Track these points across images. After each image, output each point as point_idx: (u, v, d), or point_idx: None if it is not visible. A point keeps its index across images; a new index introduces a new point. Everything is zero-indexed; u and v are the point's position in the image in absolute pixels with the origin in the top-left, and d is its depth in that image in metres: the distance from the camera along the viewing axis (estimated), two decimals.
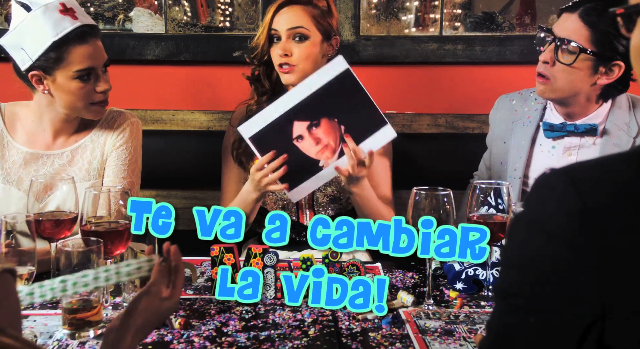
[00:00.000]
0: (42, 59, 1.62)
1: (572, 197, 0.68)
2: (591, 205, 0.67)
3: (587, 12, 1.68)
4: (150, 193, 2.44)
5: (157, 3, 2.48)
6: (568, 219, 0.67)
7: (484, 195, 1.44)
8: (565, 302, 0.68)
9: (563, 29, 1.71)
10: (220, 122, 2.46)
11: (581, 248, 0.66)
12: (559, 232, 0.68)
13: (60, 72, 1.63)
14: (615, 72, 1.70)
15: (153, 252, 1.23)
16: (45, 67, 1.63)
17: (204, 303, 1.43)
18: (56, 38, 1.60)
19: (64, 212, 1.51)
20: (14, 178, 1.72)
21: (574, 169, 0.72)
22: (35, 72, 1.63)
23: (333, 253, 1.43)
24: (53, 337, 1.24)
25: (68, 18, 1.62)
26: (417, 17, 2.52)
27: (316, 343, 1.23)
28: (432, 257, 1.39)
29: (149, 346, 1.20)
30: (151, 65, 2.48)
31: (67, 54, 1.62)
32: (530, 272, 0.70)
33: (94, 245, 1.26)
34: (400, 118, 2.50)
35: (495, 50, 2.47)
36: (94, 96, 1.68)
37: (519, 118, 1.91)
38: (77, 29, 1.62)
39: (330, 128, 1.66)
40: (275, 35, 1.86)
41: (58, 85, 1.65)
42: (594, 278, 0.66)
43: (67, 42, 1.61)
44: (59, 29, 1.60)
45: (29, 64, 1.62)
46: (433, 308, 1.40)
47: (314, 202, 1.91)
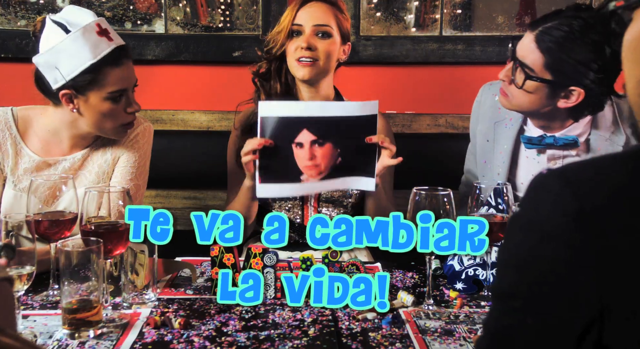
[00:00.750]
0: (77, 79, 1.62)
1: (568, 199, 0.68)
2: (588, 207, 0.67)
3: (542, 36, 1.60)
4: (150, 193, 2.44)
5: (157, 3, 2.48)
6: (565, 220, 0.68)
7: (483, 195, 1.44)
8: (563, 303, 0.68)
9: (521, 48, 1.65)
10: (220, 122, 2.46)
11: (579, 248, 0.67)
12: (557, 233, 0.68)
13: (94, 93, 1.64)
14: (574, 97, 1.62)
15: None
16: (79, 87, 1.63)
17: (204, 303, 1.43)
18: (94, 60, 1.61)
19: (64, 212, 1.51)
20: (25, 185, 1.71)
21: (569, 170, 0.72)
22: (67, 91, 1.63)
23: (333, 253, 1.43)
24: (53, 337, 1.24)
25: (104, 40, 1.62)
26: (417, 17, 2.53)
27: (316, 343, 1.22)
28: (432, 257, 1.39)
29: (149, 346, 1.20)
30: (151, 65, 2.48)
31: (102, 75, 1.62)
32: (528, 273, 0.71)
33: (93, 245, 1.26)
34: (400, 118, 2.50)
35: (495, 50, 2.47)
36: (124, 117, 1.69)
37: (501, 118, 1.85)
38: (113, 51, 1.63)
39: (329, 154, 1.66)
40: (296, 30, 1.85)
41: (89, 106, 1.65)
42: (593, 278, 0.66)
43: (104, 64, 1.62)
44: (97, 52, 1.61)
45: (62, 83, 1.62)
46: (433, 308, 1.40)
47: (319, 204, 1.90)
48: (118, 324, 1.30)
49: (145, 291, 1.42)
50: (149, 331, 1.26)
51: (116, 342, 1.21)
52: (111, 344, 1.21)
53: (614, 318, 0.66)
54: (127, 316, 1.34)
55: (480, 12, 2.53)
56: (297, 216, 1.93)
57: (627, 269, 0.66)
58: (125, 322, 1.31)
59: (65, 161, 1.74)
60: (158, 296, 1.45)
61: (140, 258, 1.40)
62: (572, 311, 0.68)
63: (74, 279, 1.22)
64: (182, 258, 1.67)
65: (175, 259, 1.63)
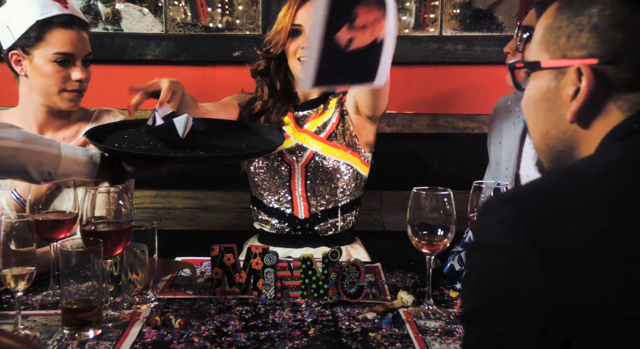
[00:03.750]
0: (23, 37, 1.63)
1: (508, 210, 0.74)
2: (527, 214, 0.72)
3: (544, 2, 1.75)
4: (150, 193, 2.44)
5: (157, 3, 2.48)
6: (505, 228, 0.73)
7: (484, 195, 1.44)
8: (522, 304, 0.71)
9: (527, 19, 1.77)
10: None
11: (523, 251, 0.71)
12: (501, 243, 0.73)
13: (39, 53, 1.64)
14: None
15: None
16: (26, 46, 1.63)
17: (204, 303, 1.43)
18: (41, 17, 1.62)
19: (64, 213, 1.51)
20: (7, 182, 1.72)
21: (510, 191, 0.84)
22: (16, 51, 1.64)
23: (333, 253, 1.43)
24: (53, 337, 1.24)
25: (58, 5, 1.64)
26: (417, 17, 2.52)
27: (316, 343, 1.22)
28: (432, 257, 1.39)
29: (149, 346, 1.20)
30: (151, 65, 2.48)
31: (48, 34, 1.63)
32: (486, 287, 0.75)
33: (93, 245, 1.26)
34: (400, 118, 2.50)
35: (495, 50, 2.46)
36: (68, 83, 1.69)
37: (510, 117, 1.91)
38: (65, 15, 1.64)
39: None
40: (296, 30, 1.85)
41: (35, 67, 1.65)
42: (542, 278, 0.69)
43: (50, 23, 1.63)
44: (46, 11, 1.62)
45: (12, 42, 1.64)
46: (433, 308, 1.39)
47: (307, 194, 1.91)
48: (118, 324, 1.30)
49: (145, 291, 1.42)
50: (149, 331, 1.26)
51: (116, 342, 1.21)
52: (111, 344, 1.21)
53: (569, 312, 0.68)
54: (127, 316, 1.34)
55: (480, 12, 2.53)
56: (287, 207, 1.93)
57: (572, 263, 0.68)
58: (125, 322, 1.31)
59: None
60: (158, 296, 1.45)
61: (140, 258, 1.40)
62: (530, 312, 0.70)
63: (74, 279, 1.22)
64: (182, 258, 1.68)
65: (175, 259, 1.63)
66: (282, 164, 1.91)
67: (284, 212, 1.94)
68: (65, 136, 1.78)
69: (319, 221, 1.94)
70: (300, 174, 1.89)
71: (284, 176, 1.91)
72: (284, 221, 1.95)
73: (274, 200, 1.94)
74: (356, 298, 1.42)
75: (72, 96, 1.71)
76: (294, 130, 1.93)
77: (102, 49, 2.34)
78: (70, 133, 1.79)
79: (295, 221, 1.94)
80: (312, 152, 1.89)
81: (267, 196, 1.94)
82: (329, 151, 1.89)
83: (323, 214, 1.93)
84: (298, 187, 1.90)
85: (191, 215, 2.47)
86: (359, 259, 1.45)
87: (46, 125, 1.76)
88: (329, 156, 1.89)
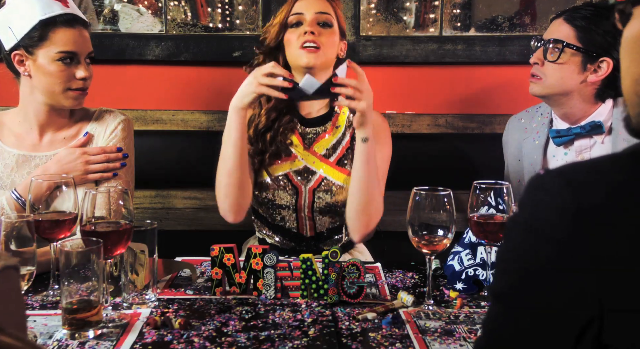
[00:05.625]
0: (26, 37, 1.63)
1: (567, 198, 0.68)
2: (586, 206, 0.67)
3: (571, 15, 1.82)
4: (150, 193, 2.44)
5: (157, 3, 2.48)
6: (563, 220, 0.68)
7: (484, 195, 1.44)
8: (561, 303, 0.68)
9: (550, 32, 1.84)
10: (220, 123, 2.45)
11: (577, 248, 0.67)
12: (555, 232, 0.68)
13: (43, 52, 1.64)
14: (604, 69, 1.77)
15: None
16: (29, 46, 1.63)
17: (204, 303, 1.43)
18: (43, 17, 1.62)
19: (64, 213, 1.51)
20: (7, 182, 1.72)
21: (567, 170, 0.72)
22: (18, 51, 1.64)
23: (333, 253, 1.43)
24: (53, 337, 1.24)
25: (59, 4, 1.64)
26: (417, 17, 2.52)
27: (316, 343, 1.22)
28: (432, 257, 1.39)
29: (149, 346, 1.20)
30: (151, 65, 2.48)
31: (51, 34, 1.63)
32: (526, 273, 0.71)
33: (93, 245, 1.26)
34: (400, 118, 2.50)
35: (495, 50, 2.47)
36: (73, 82, 1.69)
37: (528, 135, 1.96)
38: (66, 14, 1.64)
39: None
40: (297, 20, 1.82)
41: (39, 66, 1.65)
42: (592, 278, 0.66)
43: (53, 23, 1.63)
44: (48, 10, 1.62)
45: (14, 43, 1.63)
46: (433, 308, 1.39)
47: (313, 213, 1.88)
48: (118, 324, 1.30)
49: (145, 291, 1.42)
50: (149, 331, 1.26)
51: (116, 342, 1.21)
52: (111, 345, 1.21)
53: (613, 316, 0.66)
54: (127, 316, 1.34)
55: (480, 12, 2.53)
56: (293, 226, 1.91)
57: (626, 268, 0.66)
58: (125, 322, 1.31)
59: (46, 158, 1.74)
60: (158, 296, 1.45)
61: (140, 258, 1.40)
62: (570, 311, 0.67)
63: (74, 279, 1.22)
64: (182, 258, 1.68)
65: (175, 259, 1.63)
66: (289, 184, 1.85)
67: (289, 230, 1.91)
68: (66, 135, 1.78)
69: (324, 239, 1.92)
70: (308, 197, 1.85)
71: (291, 197, 1.86)
72: (289, 238, 1.92)
73: (279, 217, 1.90)
74: (356, 298, 1.42)
75: (76, 94, 1.71)
76: (303, 151, 1.87)
77: (102, 49, 2.34)
78: (71, 133, 1.79)
79: (301, 238, 1.92)
80: (321, 177, 1.85)
81: (273, 214, 1.90)
82: (337, 177, 1.85)
83: (329, 232, 1.92)
84: (304, 208, 1.87)
85: (191, 215, 2.47)
86: (359, 259, 1.45)
87: (47, 125, 1.76)
88: (337, 182, 1.84)
